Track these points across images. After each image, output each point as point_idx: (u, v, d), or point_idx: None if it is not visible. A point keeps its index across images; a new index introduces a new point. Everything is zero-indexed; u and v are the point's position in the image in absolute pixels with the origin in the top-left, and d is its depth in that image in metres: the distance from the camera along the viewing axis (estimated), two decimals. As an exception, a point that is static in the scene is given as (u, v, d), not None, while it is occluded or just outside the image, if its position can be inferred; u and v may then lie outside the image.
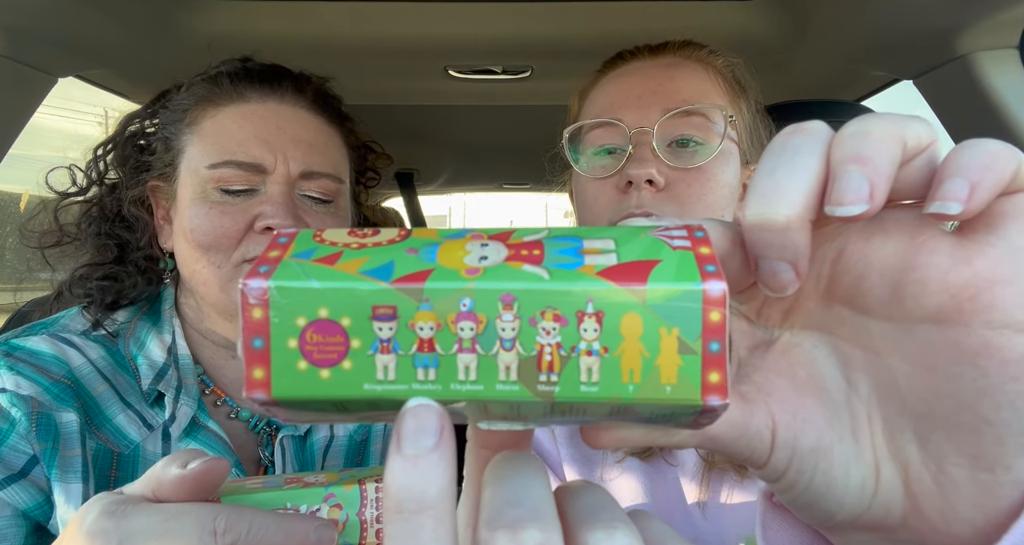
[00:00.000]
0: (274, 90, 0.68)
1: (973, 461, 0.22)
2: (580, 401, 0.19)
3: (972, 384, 0.21)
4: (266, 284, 0.19)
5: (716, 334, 0.18)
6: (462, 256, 0.20)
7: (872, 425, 0.24)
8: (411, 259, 0.20)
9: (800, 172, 0.21)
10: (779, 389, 0.25)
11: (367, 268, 0.19)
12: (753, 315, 0.27)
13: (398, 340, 0.19)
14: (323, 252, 0.20)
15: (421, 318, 0.19)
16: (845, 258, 0.23)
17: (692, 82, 0.61)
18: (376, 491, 0.38)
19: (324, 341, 0.19)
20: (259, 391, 0.19)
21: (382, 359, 0.19)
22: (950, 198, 0.19)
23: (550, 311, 0.18)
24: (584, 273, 0.19)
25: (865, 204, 0.20)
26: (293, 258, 0.20)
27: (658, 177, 0.57)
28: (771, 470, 0.24)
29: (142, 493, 0.34)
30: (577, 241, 0.20)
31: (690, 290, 0.18)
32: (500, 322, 0.19)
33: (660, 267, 0.19)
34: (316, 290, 0.19)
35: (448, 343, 0.19)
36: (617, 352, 0.18)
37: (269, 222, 0.62)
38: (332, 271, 0.19)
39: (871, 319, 0.23)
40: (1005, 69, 0.86)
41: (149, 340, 0.67)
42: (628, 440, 0.24)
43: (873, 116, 0.21)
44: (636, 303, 0.18)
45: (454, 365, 0.19)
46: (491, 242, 0.20)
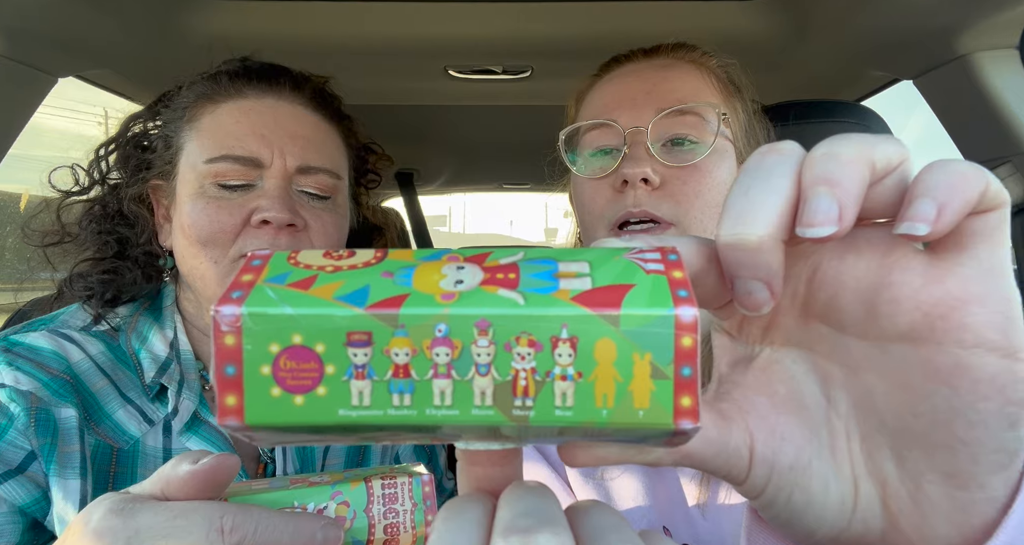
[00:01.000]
0: (272, 87, 0.68)
1: (948, 479, 0.22)
2: (555, 425, 0.19)
3: (945, 402, 0.21)
4: (239, 311, 0.19)
5: (688, 359, 0.19)
6: (437, 280, 0.20)
7: (851, 442, 0.24)
8: (386, 283, 0.19)
9: (772, 194, 0.21)
10: (758, 406, 0.25)
11: (342, 293, 0.19)
12: (734, 331, 0.27)
13: (373, 366, 0.19)
14: (297, 276, 0.20)
15: (396, 344, 0.19)
16: (819, 276, 0.23)
17: (686, 82, 0.62)
18: (382, 488, 0.39)
19: (298, 367, 0.19)
20: (232, 418, 0.19)
21: (357, 385, 0.19)
22: (919, 219, 0.20)
23: (525, 337, 0.19)
24: (558, 298, 0.19)
25: (834, 226, 0.20)
26: (267, 283, 0.20)
27: (653, 176, 0.58)
28: (750, 487, 0.24)
29: (150, 492, 0.34)
30: (552, 264, 0.20)
31: (662, 316, 0.18)
32: (475, 347, 0.19)
33: (633, 292, 0.19)
34: (289, 316, 0.19)
35: (423, 369, 0.19)
36: (591, 377, 0.19)
37: (265, 215, 0.62)
38: (306, 296, 0.19)
39: (847, 336, 0.23)
40: (1005, 69, 0.86)
41: (151, 335, 0.67)
42: (605, 458, 0.24)
43: (843, 137, 0.22)
44: (610, 329, 0.19)
45: (429, 390, 0.19)
46: (467, 265, 0.20)
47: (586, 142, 0.64)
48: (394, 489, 0.39)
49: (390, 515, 0.38)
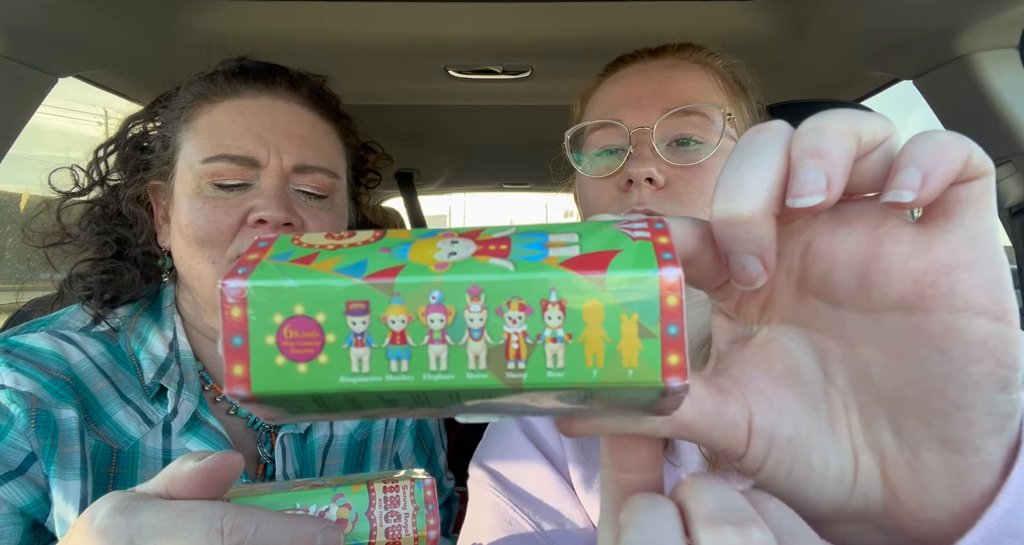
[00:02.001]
0: (269, 86, 0.68)
1: (944, 445, 0.23)
2: (547, 387, 0.20)
3: (938, 368, 0.22)
4: (244, 284, 0.20)
5: (674, 318, 0.19)
6: (432, 253, 0.20)
7: (849, 415, 0.25)
8: (383, 257, 0.20)
9: (762, 168, 0.22)
10: (755, 381, 0.25)
11: (341, 266, 0.20)
12: (732, 312, 0.28)
13: (371, 333, 0.19)
14: (300, 253, 0.21)
15: (393, 311, 0.19)
16: (813, 251, 0.24)
17: (691, 82, 0.62)
18: (384, 491, 0.39)
19: (300, 337, 0.20)
20: (239, 387, 0.20)
21: (356, 352, 0.20)
22: (904, 187, 0.20)
23: (515, 301, 0.19)
24: (547, 264, 0.20)
25: (822, 195, 0.21)
26: (271, 260, 0.21)
27: (658, 175, 0.58)
28: (750, 461, 0.25)
29: (155, 491, 0.35)
30: (543, 236, 0.21)
31: (648, 277, 0.19)
32: (468, 313, 0.19)
33: (620, 256, 0.20)
34: (292, 288, 0.20)
35: (419, 335, 0.19)
36: (580, 338, 0.19)
37: (261, 214, 0.62)
38: (308, 270, 0.20)
39: (842, 310, 0.24)
40: (1005, 69, 0.86)
41: (151, 335, 0.67)
42: (601, 427, 0.24)
43: (830, 112, 0.22)
44: (597, 291, 0.19)
45: (425, 356, 0.19)
46: (460, 239, 0.21)
47: (591, 142, 0.64)
48: (396, 493, 0.39)
49: (392, 518, 0.38)
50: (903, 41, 0.90)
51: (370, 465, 0.76)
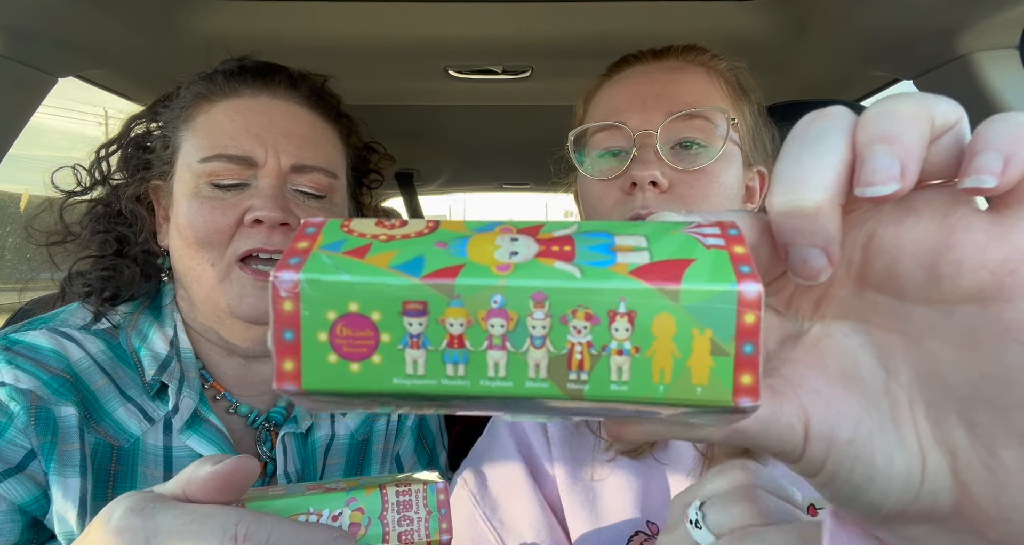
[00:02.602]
0: (267, 85, 0.68)
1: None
2: (609, 399, 0.19)
3: (1018, 360, 0.20)
4: (297, 277, 0.19)
5: (750, 336, 0.18)
6: (492, 251, 0.19)
7: (915, 412, 0.23)
8: (441, 253, 0.19)
9: (826, 156, 0.21)
10: (810, 381, 0.24)
11: (397, 262, 0.19)
12: (782, 307, 0.26)
13: (428, 336, 0.19)
14: (352, 244, 0.20)
15: (451, 314, 0.19)
16: (876, 242, 0.23)
17: (695, 85, 0.62)
18: (397, 495, 0.39)
19: (354, 335, 0.19)
20: (289, 383, 0.19)
21: (412, 354, 0.19)
22: (985, 171, 0.19)
23: (582, 310, 0.18)
24: (616, 272, 0.19)
25: (896, 183, 0.20)
26: (322, 250, 0.20)
27: (661, 179, 0.58)
28: (808, 463, 0.24)
29: (172, 492, 0.35)
30: (608, 237, 0.20)
31: (725, 291, 0.18)
32: (531, 320, 0.18)
33: (694, 267, 0.19)
34: (347, 284, 0.19)
35: (478, 340, 0.19)
36: (648, 352, 0.18)
37: (258, 214, 0.62)
38: (362, 264, 0.19)
39: (907, 304, 0.23)
40: (1005, 69, 0.86)
41: (151, 333, 0.67)
42: (654, 433, 0.24)
43: (898, 96, 0.21)
44: (669, 304, 0.18)
45: (484, 362, 0.19)
46: (520, 236, 0.20)
47: (595, 143, 0.64)
48: (408, 496, 0.39)
49: (404, 522, 0.38)
50: (903, 41, 0.90)
51: (371, 465, 0.76)
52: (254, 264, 0.63)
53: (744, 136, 0.63)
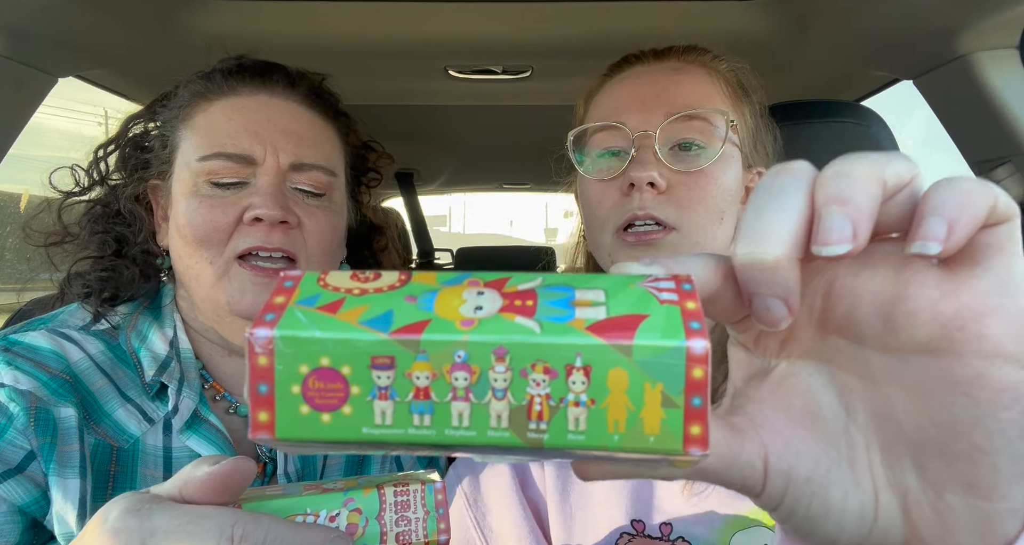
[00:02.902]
0: (266, 84, 0.68)
1: (969, 489, 0.22)
2: (567, 447, 0.20)
3: (965, 412, 0.22)
4: (271, 333, 0.20)
5: (698, 389, 0.19)
6: (458, 305, 0.21)
7: (870, 453, 0.25)
8: (410, 308, 0.21)
9: (786, 212, 0.22)
10: (772, 420, 0.25)
11: (367, 318, 0.20)
12: (751, 344, 0.27)
13: (395, 388, 0.20)
14: (326, 298, 0.21)
15: (417, 368, 0.20)
16: (836, 291, 0.24)
17: (695, 86, 0.62)
18: (395, 495, 0.39)
19: (325, 388, 0.20)
20: (263, 432, 0.20)
21: (380, 405, 0.20)
22: (930, 238, 0.20)
23: (540, 364, 0.19)
24: (574, 327, 0.20)
25: (848, 244, 0.21)
26: (297, 305, 0.21)
27: (659, 180, 0.58)
28: (767, 499, 0.25)
29: (169, 493, 0.35)
30: (570, 291, 0.21)
31: (675, 347, 0.19)
32: (492, 373, 0.20)
33: (647, 322, 0.20)
34: (318, 340, 0.20)
35: (443, 392, 0.20)
36: (604, 404, 0.20)
37: (257, 212, 0.62)
38: (334, 320, 0.20)
39: (866, 349, 0.24)
40: (1005, 69, 0.86)
41: (151, 333, 0.67)
42: (616, 473, 0.25)
43: (854, 157, 0.22)
44: (623, 359, 0.19)
45: (448, 412, 0.20)
46: (487, 290, 0.21)
47: (594, 143, 0.64)
48: (407, 497, 0.39)
49: (402, 523, 0.38)
50: (903, 41, 0.90)
51: (371, 465, 0.76)
52: (253, 261, 0.63)
53: (744, 137, 0.63)
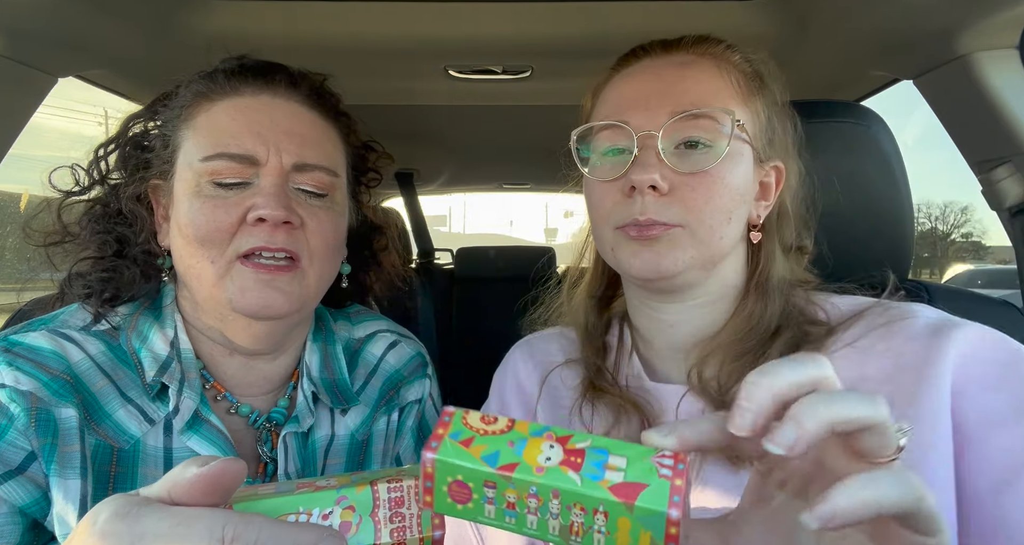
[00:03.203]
0: (268, 84, 0.68)
1: None
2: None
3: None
4: (433, 457, 0.35)
5: (673, 539, 0.32)
6: (536, 454, 0.35)
7: None
8: (509, 452, 0.35)
9: (765, 406, 0.33)
10: (758, 539, 0.35)
11: (484, 454, 0.35)
12: (764, 473, 0.37)
13: (496, 499, 0.35)
14: (464, 435, 0.36)
15: (509, 492, 0.34)
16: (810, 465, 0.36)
17: (702, 82, 0.60)
18: (388, 491, 0.38)
19: (459, 491, 0.35)
20: (427, 507, 0.36)
21: (487, 507, 0.35)
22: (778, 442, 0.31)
23: (578, 504, 0.33)
24: (602, 485, 0.33)
25: (784, 451, 0.31)
26: (449, 438, 0.36)
27: (661, 182, 0.57)
28: None
29: (158, 495, 0.35)
30: (605, 454, 0.35)
31: (660, 513, 0.32)
32: (551, 503, 0.34)
33: (647, 491, 0.33)
34: (457, 466, 0.35)
35: (522, 507, 0.34)
36: (615, 536, 0.33)
37: (261, 213, 0.62)
38: (467, 453, 0.35)
39: None
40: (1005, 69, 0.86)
41: (152, 334, 0.67)
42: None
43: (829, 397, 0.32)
44: (627, 512, 0.33)
45: (525, 519, 0.35)
46: (556, 445, 0.35)
47: (599, 140, 0.63)
48: (400, 493, 0.38)
49: (396, 519, 0.38)
50: (903, 41, 0.91)
51: (371, 465, 0.76)
52: (256, 259, 0.63)
53: (757, 132, 0.61)
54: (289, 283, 0.63)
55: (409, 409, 0.80)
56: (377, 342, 0.82)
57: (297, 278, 0.64)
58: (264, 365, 0.71)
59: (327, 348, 0.76)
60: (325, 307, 0.80)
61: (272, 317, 0.64)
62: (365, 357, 0.80)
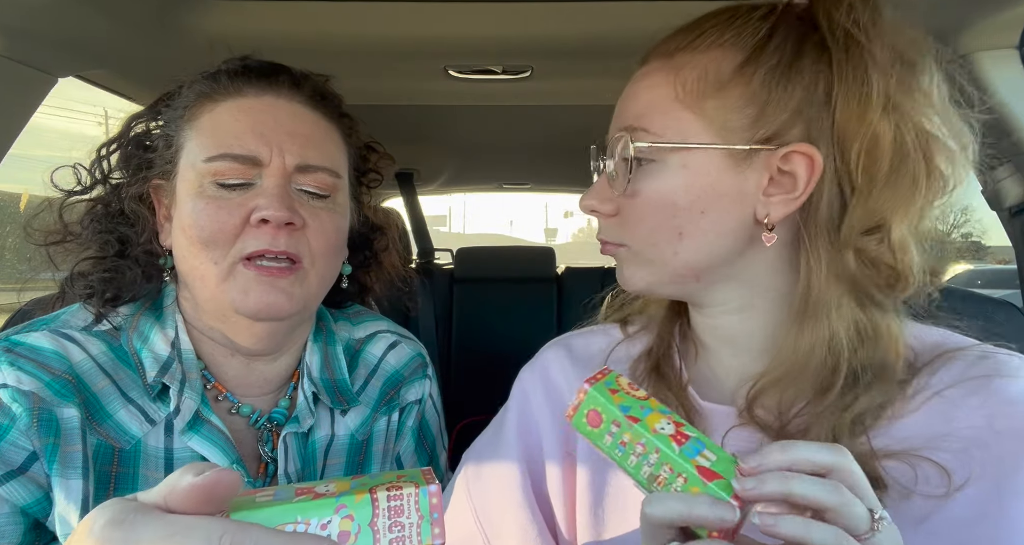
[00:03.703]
0: (271, 85, 0.68)
1: None
2: None
3: None
4: (588, 387, 0.47)
5: None
6: (655, 422, 0.44)
7: None
8: (638, 411, 0.45)
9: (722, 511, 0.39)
10: None
11: (621, 404, 0.46)
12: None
13: (615, 435, 0.45)
14: (612, 387, 0.47)
15: (626, 434, 0.44)
16: None
17: (644, 94, 0.55)
18: (388, 500, 0.38)
19: (594, 418, 0.45)
20: (567, 419, 0.47)
21: (607, 437, 0.45)
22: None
23: (668, 465, 0.42)
24: (692, 462, 0.42)
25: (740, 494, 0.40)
26: (602, 384, 0.47)
27: (599, 207, 0.56)
28: None
29: (154, 501, 0.35)
30: (703, 446, 0.43)
31: (725, 498, 0.40)
32: (650, 456, 0.43)
33: (721, 481, 0.40)
34: (600, 400, 0.46)
35: (631, 449, 0.44)
36: (687, 488, 0.42)
37: (264, 214, 0.62)
38: (610, 397, 0.46)
39: None
40: (1005, 69, 0.87)
41: (152, 334, 0.67)
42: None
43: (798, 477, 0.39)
44: (701, 486, 0.41)
45: (628, 457, 0.44)
46: (671, 424, 0.44)
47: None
48: (400, 501, 0.38)
49: (396, 529, 0.37)
50: (903, 41, 0.90)
51: (371, 465, 0.76)
52: (258, 261, 0.63)
53: (725, 128, 0.51)
54: (291, 285, 0.64)
55: (409, 409, 0.80)
56: (377, 342, 0.82)
57: (299, 279, 0.65)
58: (265, 365, 0.71)
59: (328, 348, 0.76)
60: (326, 308, 0.80)
61: (274, 318, 0.64)
62: (365, 357, 0.80)
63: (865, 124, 0.48)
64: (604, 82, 1.07)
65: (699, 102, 0.52)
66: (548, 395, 0.65)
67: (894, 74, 0.49)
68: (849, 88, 0.49)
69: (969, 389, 0.49)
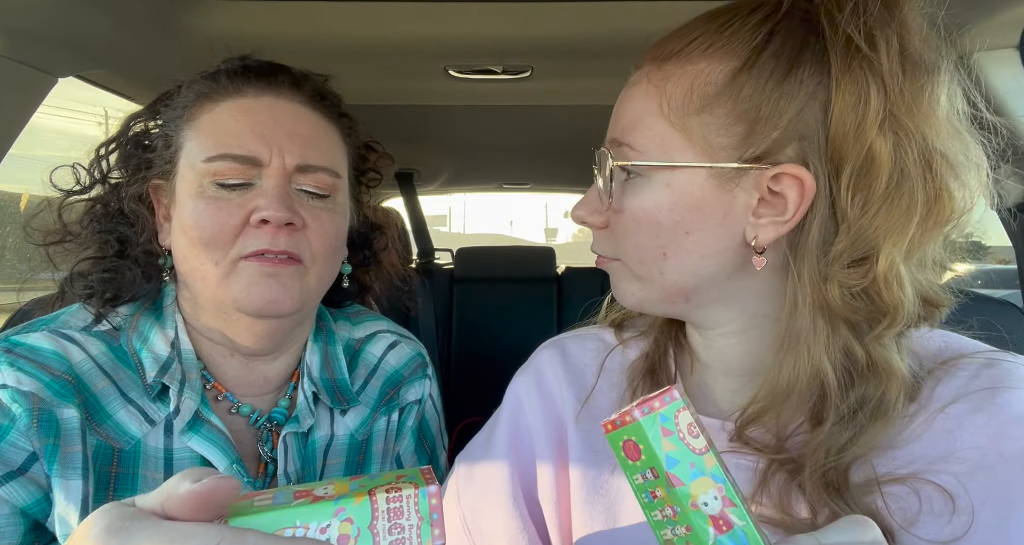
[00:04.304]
0: (271, 85, 0.68)
1: None
2: None
3: None
4: (639, 418, 0.40)
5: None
6: (701, 492, 0.38)
7: None
8: (686, 469, 0.39)
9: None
10: None
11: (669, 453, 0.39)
12: None
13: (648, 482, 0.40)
14: (668, 425, 0.40)
15: (660, 489, 0.39)
16: None
17: (630, 106, 0.54)
18: (387, 502, 0.37)
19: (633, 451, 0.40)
20: (603, 427, 0.41)
21: (638, 476, 0.40)
22: None
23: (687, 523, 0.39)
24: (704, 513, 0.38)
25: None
26: (659, 416, 0.40)
27: (589, 218, 0.55)
28: None
29: (152, 507, 0.35)
30: (745, 542, 0.37)
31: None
32: (678, 528, 0.39)
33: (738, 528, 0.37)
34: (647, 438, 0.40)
35: (660, 505, 0.39)
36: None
37: (264, 214, 0.62)
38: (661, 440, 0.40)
39: None
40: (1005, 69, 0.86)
41: (152, 334, 0.67)
42: None
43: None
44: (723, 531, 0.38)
45: (652, 511, 0.40)
46: (720, 499, 0.38)
47: None
48: (399, 503, 0.38)
49: (395, 531, 0.37)
50: (903, 41, 0.90)
51: (371, 465, 0.76)
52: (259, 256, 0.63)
53: (723, 143, 0.48)
54: (292, 277, 0.64)
55: (409, 409, 0.80)
56: (377, 342, 0.82)
57: (299, 273, 0.65)
58: (265, 365, 0.71)
59: (327, 348, 0.76)
60: (325, 307, 0.80)
61: (275, 315, 0.64)
62: (365, 357, 0.80)
63: (860, 141, 0.44)
64: (604, 82, 1.07)
65: (684, 119, 0.50)
66: (542, 399, 0.64)
67: (901, 84, 0.45)
68: (847, 101, 0.45)
69: (973, 404, 0.47)
